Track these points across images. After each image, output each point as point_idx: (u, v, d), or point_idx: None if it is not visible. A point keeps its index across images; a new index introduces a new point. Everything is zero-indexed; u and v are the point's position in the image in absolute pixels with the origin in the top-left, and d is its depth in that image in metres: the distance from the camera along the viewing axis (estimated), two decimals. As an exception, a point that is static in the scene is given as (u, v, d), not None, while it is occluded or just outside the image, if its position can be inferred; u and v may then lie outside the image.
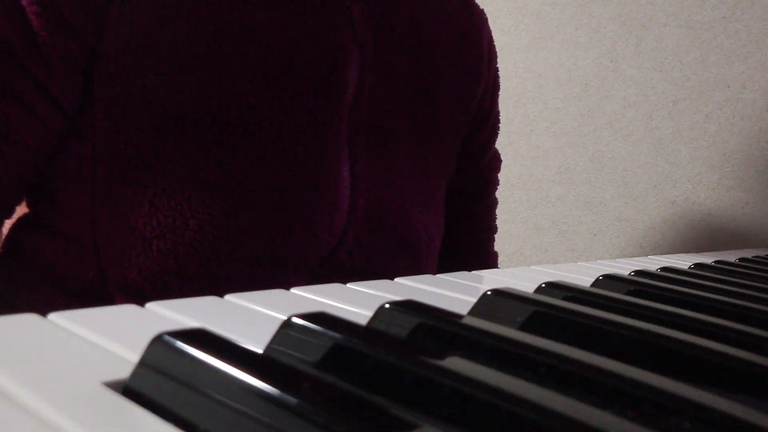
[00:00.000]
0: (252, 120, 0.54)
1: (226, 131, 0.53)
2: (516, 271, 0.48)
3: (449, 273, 0.44)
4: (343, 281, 0.37)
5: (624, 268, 0.54)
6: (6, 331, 0.23)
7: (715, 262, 0.62)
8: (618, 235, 1.16)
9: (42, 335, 0.23)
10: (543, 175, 1.25)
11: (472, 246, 0.81)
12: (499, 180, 0.83)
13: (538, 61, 1.25)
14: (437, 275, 0.43)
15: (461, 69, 0.69)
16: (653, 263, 0.60)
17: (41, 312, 0.25)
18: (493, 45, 0.76)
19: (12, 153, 0.51)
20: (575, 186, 1.20)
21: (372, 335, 0.22)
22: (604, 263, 0.57)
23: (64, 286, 0.56)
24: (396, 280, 0.40)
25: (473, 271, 0.46)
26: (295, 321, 0.23)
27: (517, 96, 1.28)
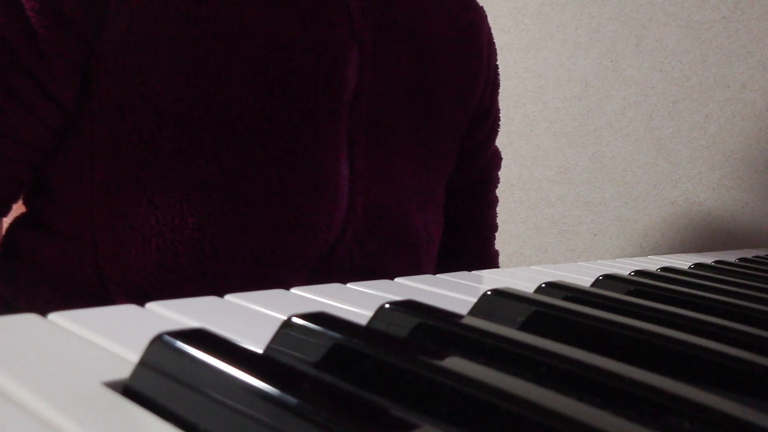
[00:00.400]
0: (251, 118, 0.54)
1: (224, 129, 0.53)
2: (516, 271, 0.48)
3: (449, 273, 0.44)
4: (342, 279, 0.37)
5: (624, 268, 0.54)
6: (6, 331, 0.23)
7: (715, 262, 0.62)
8: (618, 235, 1.16)
9: (42, 335, 0.23)
10: (543, 175, 1.25)
11: (473, 244, 0.81)
12: (500, 178, 0.83)
13: (538, 61, 1.25)
14: (437, 275, 0.43)
15: (461, 66, 0.69)
16: (653, 263, 0.60)
17: (41, 312, 0.25)
18: (493, 42, 0.76)
19: (9, 150, 0.51)
20: (575, 186, 1.20)
21: (372, 335, 0.22)
22: (604, 263, 0.57)
23: (62, 284, 0.56)
24: (396, 280, 0.40)
25: (473, 271, 0.46)
26: (295, 321, 0.23)
27: (517, 96, 1.28)
